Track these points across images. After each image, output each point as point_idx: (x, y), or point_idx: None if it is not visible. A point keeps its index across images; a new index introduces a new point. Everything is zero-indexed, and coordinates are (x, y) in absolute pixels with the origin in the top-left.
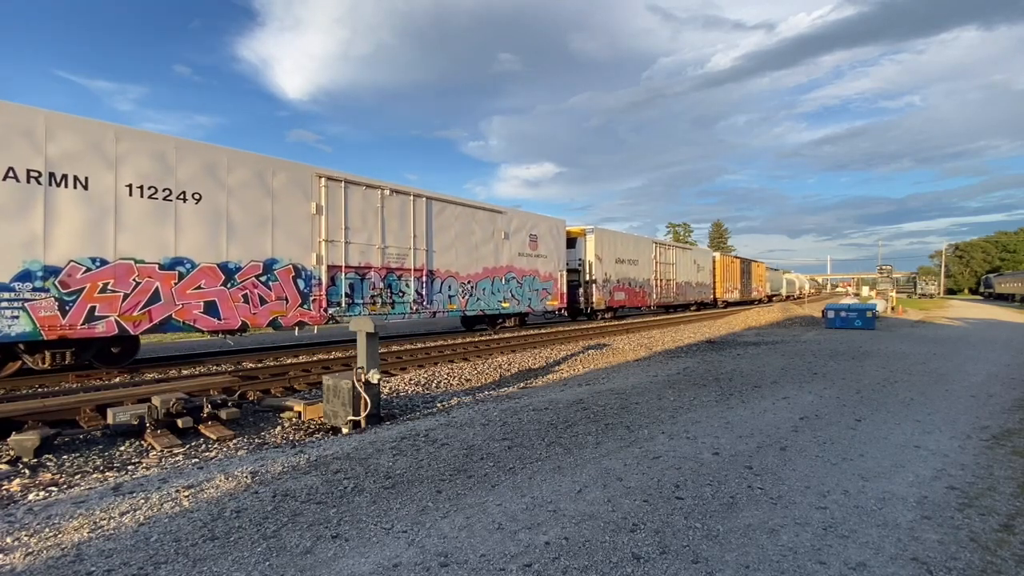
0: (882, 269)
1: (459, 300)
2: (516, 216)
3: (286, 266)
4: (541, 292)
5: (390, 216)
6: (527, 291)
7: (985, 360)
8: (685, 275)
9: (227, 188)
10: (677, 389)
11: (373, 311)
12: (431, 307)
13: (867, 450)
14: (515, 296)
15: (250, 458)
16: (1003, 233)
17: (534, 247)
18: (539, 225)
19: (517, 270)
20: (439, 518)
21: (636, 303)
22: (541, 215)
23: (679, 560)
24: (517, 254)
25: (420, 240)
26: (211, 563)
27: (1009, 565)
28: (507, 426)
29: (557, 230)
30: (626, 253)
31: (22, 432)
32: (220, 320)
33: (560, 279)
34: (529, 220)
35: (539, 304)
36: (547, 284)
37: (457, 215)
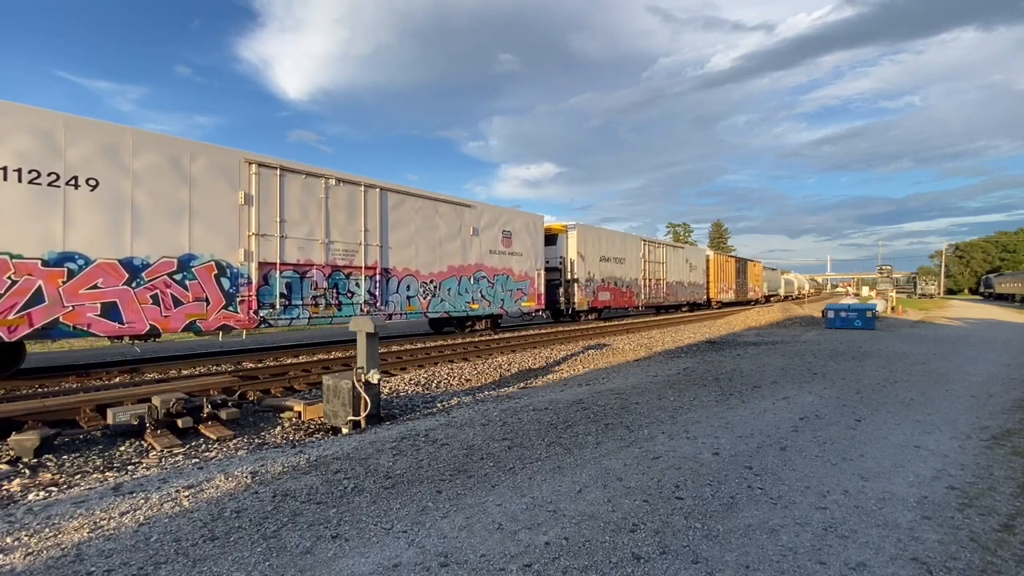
0: (882, 269)
1: (420, 301)
2: (487, 211)
3: (207, 263)
4: (516, 292)
5: (336, 208)
6: (500, 291)
7: (985, 360)
8: (676, 274)
9: (132, 173)
10: (677, 389)
11: (315, 313)
12: (386, 308)
13: (867, 450)
14: (486, 297)
15: (250, 458)
16: (1003, 233)
17: (508, 244)
18: (513, 221)
19: (488, 269)
20: (439, 518)
21: (622, 303)
22: (516, 210)
23: (679, 560)
24: (488, 251)
25: (373, 235)
26: (211, 563)
27: (1009, 565)
28: (507, 426)
29: (534, 226)
30: (612, 251)
31: (22, 432)
32: (123, 324)
33: (538, 278)
34: (502, 215)
35: (513, 305)
36: (523, 284)
37: (418, 208)
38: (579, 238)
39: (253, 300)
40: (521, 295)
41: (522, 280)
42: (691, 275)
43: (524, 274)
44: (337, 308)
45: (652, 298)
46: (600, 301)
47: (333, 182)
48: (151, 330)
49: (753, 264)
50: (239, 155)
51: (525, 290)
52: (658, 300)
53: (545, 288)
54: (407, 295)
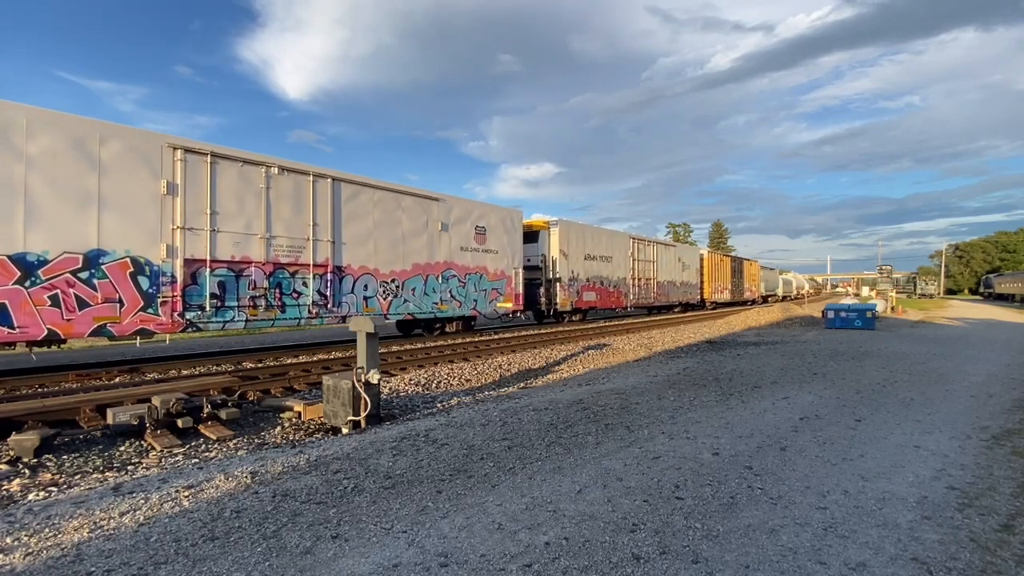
0: (882, 269)
1: (379, 302)
2: (458, 204)
3: (120, 259)
4: (490, 292)
5: (280, 200)
6: (472, 291)
7: (985, 360)
8: (668, 274)
9: (26, 157)
10: (677, 389)
11: (253, 315)
12: (339, 310)
13: (867, 450)
14: (456, 297)
15: (250, 458)
16: (1003, 233)
17: (481, 240)
18: (488, 216)
19: (459, 267)
20: (439, 518)
21: (609, 304)
22: (491, 204)
23: (679, 560)
24: (459, 248)
25: (324, 230)
26: (211, 563)
27: (1009, 565)
28: (507, 426)
29: (511, 222)
30: (598, 249)
31: (22, 432)
32: (13, 329)
33: (515, 277)
34: (475, 210)
35: (488, 306)
36: (498, 283)
37: (376, 201)
38: (562, 235)
39: (178, 301)
40: (496, 295)
41: (498, 279)
42: (684, 275)
43: (500, 273)
44: (280, 310)
45: (642, 298)
46: (585, 301)
47: (275, 171)
48: (50, 335)
49: (750, 263)
50: (160, 139)
51: (501, 290)
52: (648, 300)
53: (525, 288)
54: (364, 295)
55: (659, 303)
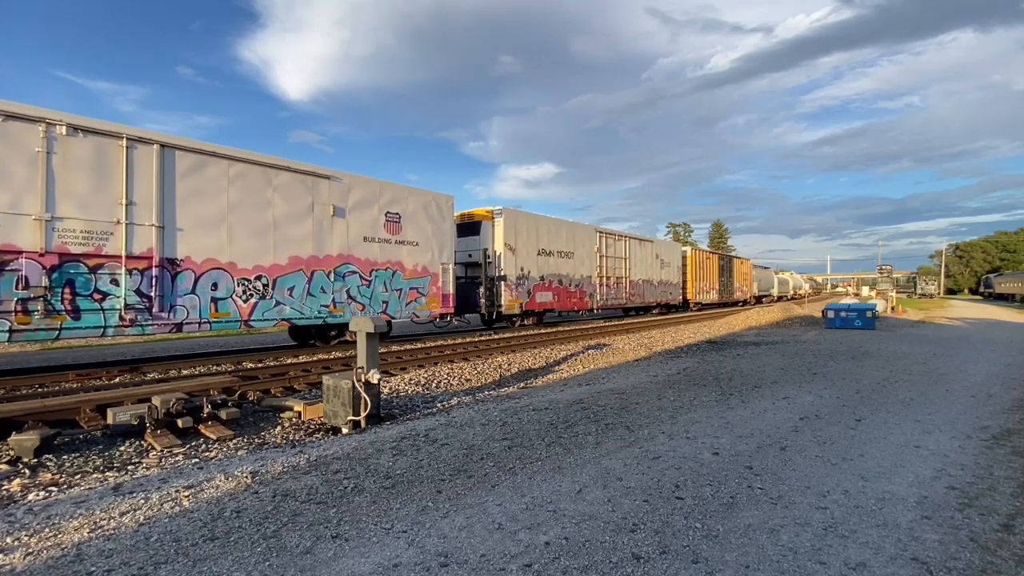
0: (882, 269)
1: (235, 304)
2: (360, 185)
3: None
4: (407, 293)
5: (71, 170)
6: (380, 291)
7: (985, 360)
8: (643, 272)
9: None
10: (677, 389)
11: (23, 324)
12: (172, 317)
13: (867, 450)
14: (357, 298)
15: (250, 458)
16: (1003, 233)
17: (394, 230)
18: (405, 200)
19: (361, 261)
20: (439, 518)
21: (570, 306)
22: (410, 187)
23: (679, 560)
24: (361, 239)
25: (145, 211)
26: (211, 563)
27: (1009, 565)
28: (507, 426)
29: (438, 208)
30: (555, 243)
31: (22, 432)
32: None
33: (443, 275)
34: (385, 192)
35: (403, 309)
36: (418, 282)
37: (234, 176)
38: (507, 226)
39: None
40: (417, 296)
41: (418, 277)
42: (663, 273)
43: (422, 269)
44: (72, 316)
45: (611, 299)
46: (539, 303)
47: (62, 130)
48: None
49: (740, 262)
50: None
51: (423, 290)
52: (619, 302)
53: (460, 287)
54: (213, 296)
55: (632, 304)
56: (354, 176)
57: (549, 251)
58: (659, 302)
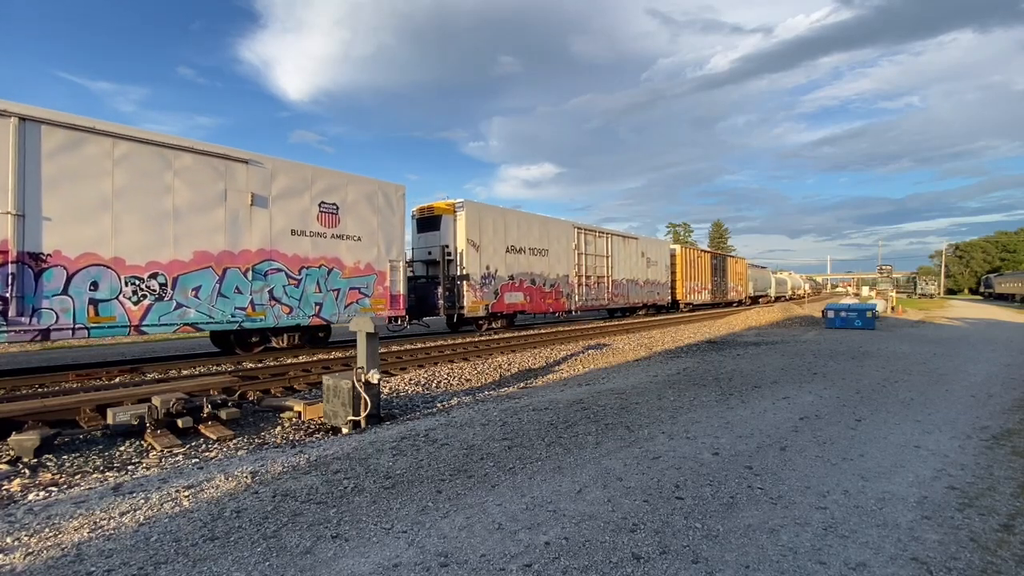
0: (882, 269)
1: (123, 306)
2: (287, 171)
3: None
4: (347, 293)
5: None
6: (312, 291)
7: (985, 360)
8: (627, 271)
9: None
10: (677, 389)
11: None
12: (35, 322)
13: (867, 450)
14: (283, 300)
15: (250, 458)
16: (1003, 233)
17: (331, 222)
18: (343, 189)
19: (288, 257)
20: (439, 518)
21: (544, 308)
22: (350, 174)
23: (679, 560)
24: (288, 232)
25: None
26: (211, 563)
27: (1009, 565)
28: (507, 426)
29: (386, 199)
30: (526, 239)
31: (22, 432)
32: None
33: (391, 273)
34: (319, 179)
35: (342, 312)
36: (361, 281)
37: (120, 157)
38: (470, 221)
39: None
40: (359, 297)
41: (361, 275)
42: (649, 272)
43: (365, 267)
44: None
45: (591, 300)
46: (508, 304)
47: None
48: None
49: (735, 261)
50: None
51: (367, 290)
52: (599, 302)
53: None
54: (92, 297)
55: (616, 305)
56: (279, 160)
57: (519, 248)
58: (645, 303)
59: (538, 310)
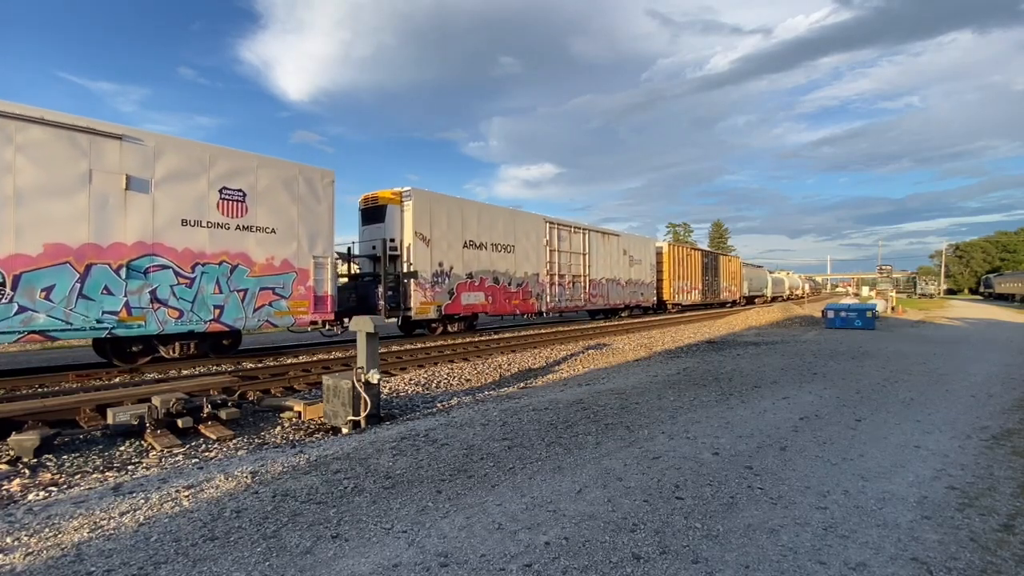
0: (882, 269)
1: None
2: (175, 149)
3: None
4: (260, 294)
5: None
6: (211, 292)
7: (985, 360)
8: (607, 270)
9: None
10: (677, 389)
11: None
12: None
13: (867, 450)
14: (170, 301)
15: (250, 458)
16: (1003, 233)
17: (236, 211)
18: (252, 173)
19: (177, 252)
20: (439, 518)
21: (509, 309)
22: (261, 156)
23: (679, 560)
24: (179, 222)
25: None
26: (211, 563)
27: (1009, 565)
28: (507, 426)
29: (308, 186)
30: (489, 234)
31: (22, 432)
32: None
33: (318, 271)
34: (221, 161)
35: (251, 316)
36: (277, 280)
37: None
38: (418, 212)
39: None
40: (273, 299)
41: (276, 273)
42: (632, 271)
43: (281, 264)
44: None
45: (565, 300)
46: (466, 306)
47: None
48: None
49: (728, 259)
50: None
51: (283, 290)
52: (575, 303)
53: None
54: None
55: (594, 307)
56: (165, 137)
57: (480, 243)
58: (627, 303)
59: (502, 312)
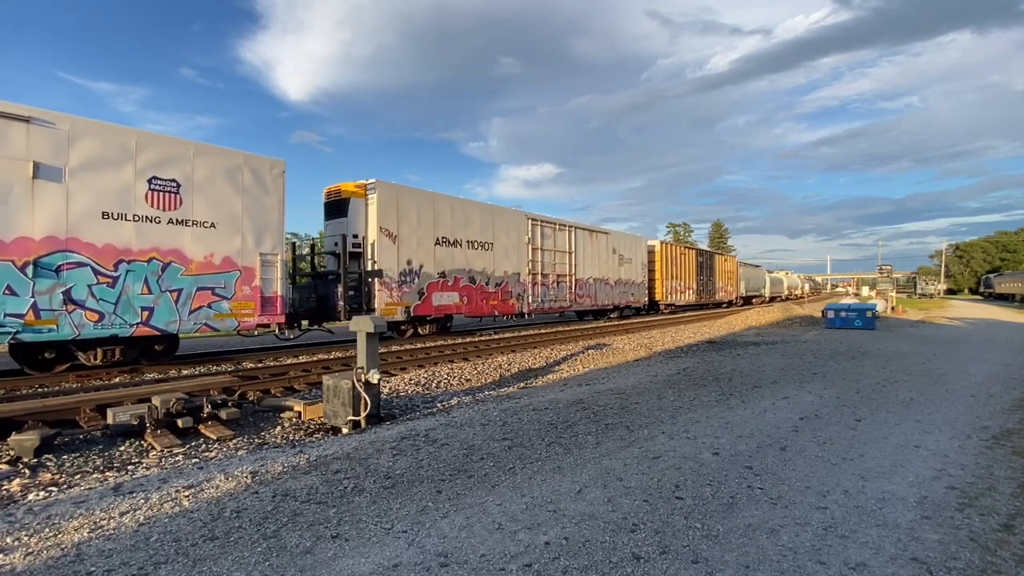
0: (882, 269)
1: None
2: (94, 134)
3: None
4: (197, 295)
5: None
6: (139, 292)
7: (985, 360)
8: (596, 269)
9: None
10: (677, 389)
11: None
12: None
13: (867, 450)
14: (87, 303)
15: (250, 458)
16: (1003, 233)
17: (168, 203)
18: (189, 161)
19: (96, 248)
20: (439, 518)
21: (487, 310)
22: (199, 143)
23: (679, 560)
24: (99, 215)
25: None
26: (211, 563)
27: (1009, 565)
28: (507, 426)
29: (255, 177)
30: (464, 231)
31: (22, 432)
32: None
33: (266, 270)
34: (150, 147)
35: (187, 318)
36: (217, 279)
37: None
38: (384, 206)
39: None
40: (212, 300)
41: (216, 272)
42: (622, 270)
43: (223, 262)
44: None
45: (549, 301)
46: (438, 307)
47: None
48: None
49: (724, 259)
50: None
51: (224, 290)
52: (560, 304)
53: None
54: None
55: (581, 307)
56: (82, 120)
57: (454, 240)
58: (617, 304)
59: (478, 313)
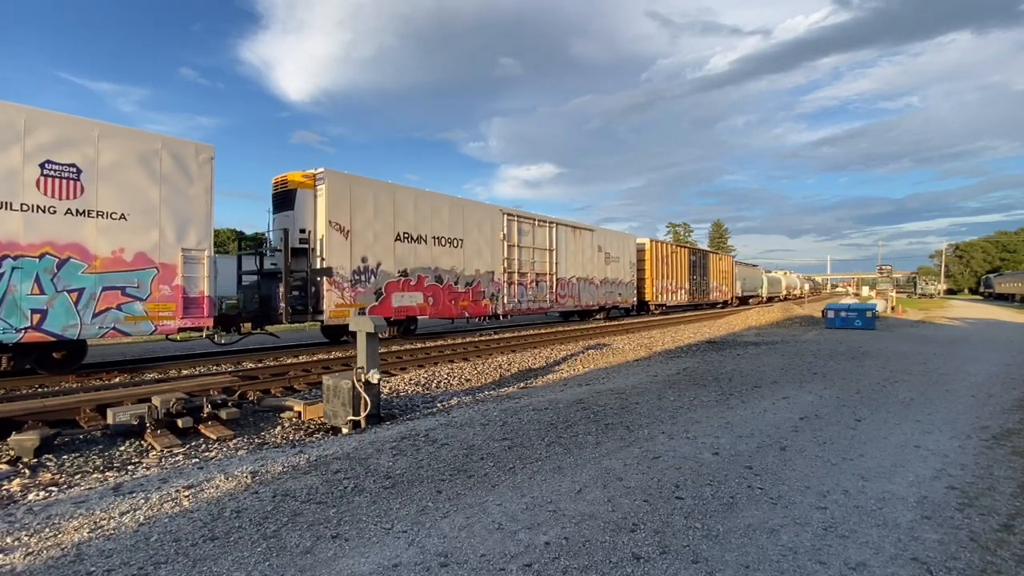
0: (882, 269)
1: None
2: None
3: None
4: (103, 295)
5: None
6: (27, 292)
7: (985, 360)
8: (579, 268)
9: None
10: (677, 389)
11: None
12: None
13: (867, 450)
14: None
15: (250, 458)
16: (1003, 233)
17: (66, 191)
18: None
19: None
20: (439, 518)
21: (456, 312)
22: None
23: (679, 560)
24: None
25: None
26: (211, 563)
27: (1009, 565)
28: (507, 426)
29: (177, 163)
30: (429, 225)
31: (22, 432)
32: None
33: (190, 267)
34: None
35: (90, 321)
36: (127, 278)
37: None
38: (334, 197)
39: None
40: (122, 300)
41: (127, 270)
42: (609, 270)
43: (135, 258)
44: None
45: (527, 302)
46: (398, 308)
47: None
48: None
49: (719, 258)
50: None
51: (137, 290)
52: (539, 305)
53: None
54: None
55: (563, 308)
56: None
57: (418, 236)
58: (603, 304)
59: (446, 315)
